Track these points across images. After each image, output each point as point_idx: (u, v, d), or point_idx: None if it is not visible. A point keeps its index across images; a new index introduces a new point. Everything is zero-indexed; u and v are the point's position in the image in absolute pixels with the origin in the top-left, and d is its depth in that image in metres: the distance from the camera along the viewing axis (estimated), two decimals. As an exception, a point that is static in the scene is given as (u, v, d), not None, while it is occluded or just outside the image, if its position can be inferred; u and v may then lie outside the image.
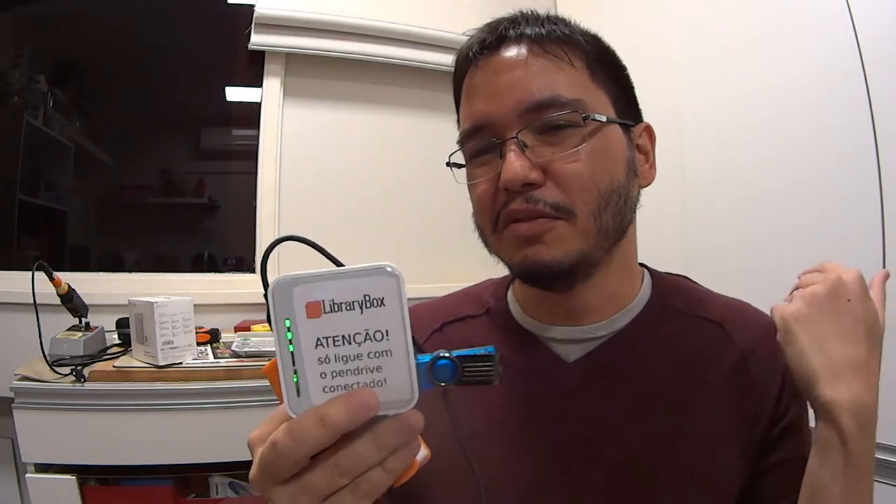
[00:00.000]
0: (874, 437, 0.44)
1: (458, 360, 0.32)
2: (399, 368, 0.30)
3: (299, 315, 0.30)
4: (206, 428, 1.16)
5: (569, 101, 0.49)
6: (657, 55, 1.41)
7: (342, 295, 0.30)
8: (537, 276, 0.51)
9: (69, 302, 1.27)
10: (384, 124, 1.88)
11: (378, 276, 0.29)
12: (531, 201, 0.48)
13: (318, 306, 0.30)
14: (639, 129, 0.55)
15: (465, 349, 0.32)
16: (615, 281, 0.55)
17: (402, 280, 0.30)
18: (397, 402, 0.30)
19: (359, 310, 0.30)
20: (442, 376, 0.32)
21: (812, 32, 1.11)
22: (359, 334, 0.30)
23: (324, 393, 0.30)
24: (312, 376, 0.30)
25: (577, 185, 0.48)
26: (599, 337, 0.54)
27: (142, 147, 1.95)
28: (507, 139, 0.49)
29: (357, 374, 0.30)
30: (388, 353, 0.30)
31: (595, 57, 0.52)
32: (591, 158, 0.49)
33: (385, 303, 0.30)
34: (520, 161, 0.48)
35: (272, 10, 1.69)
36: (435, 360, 0.32)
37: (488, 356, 0.32)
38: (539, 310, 0.57)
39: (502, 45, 0.51)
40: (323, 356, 0.30)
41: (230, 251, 1.99)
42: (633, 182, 0.53)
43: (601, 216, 0.49)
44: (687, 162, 1.35)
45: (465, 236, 0.60)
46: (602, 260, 0.52)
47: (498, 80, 0.50)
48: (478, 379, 0.32)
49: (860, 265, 1.05)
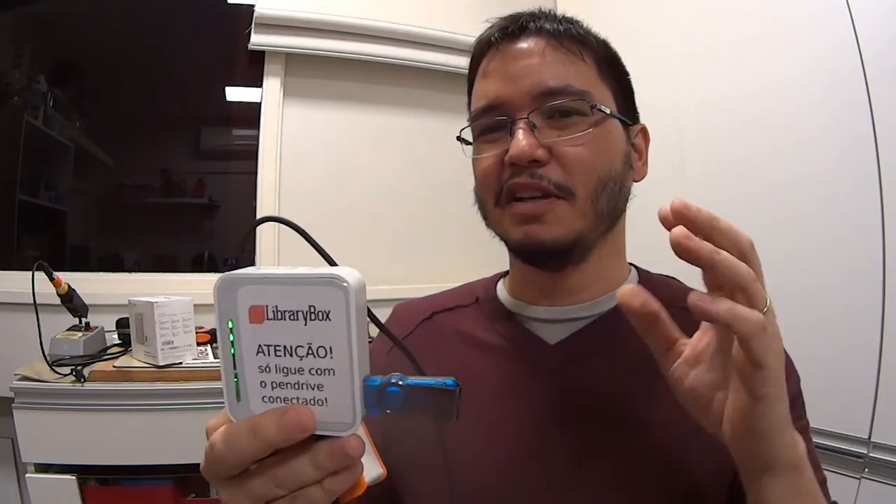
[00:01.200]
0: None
1: (410, 390, 0.29)
2: (341, 390, 0.28)
3: (242, 317, 0.28)
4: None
5: (578, 91, 0.52)
6: (656, 53, 1.41)
7: (287, 302, 0.27)
8: (535, 253, 0.53)
9: (69, 302, 1.27)
10: (384, 124, 1.88)
11: (325, 286, 0.27)
12: (535, 177, 0.51)
13: (262, 311, 0.28)
14: (636, 129, 0.59)
15: (425, 378, 0.30)
16: (604, 266, 0.57)
17: (354, 293, 0.27)
18: (339, 424, 0.28)
19: (302, 321, 0.27)
20: (390, 404, 0.29)
21: (812, 31, 1.11)
22: (301, 347, 0.28)
23: (263, 402, 0.29)
24: (252, 383, 0.28)
25: (579, 167, 0.52)
26: (582, 318, 0.57)
27: (142, 147, 1.95)
28: (518, 118, 0.52)
29: (297, 388, 0.28)
30: (331, 373, 0.28)
31: (604, 58, 0.56)
32: (594, 145, 0.52)
33: (331, 317, 0.27)
34: (528, 139, 0.51)
35: (272, 10, 1.69)
36: (384, 387, 0.29)
37: (446, 390, 0.29)
38: (525, 290, 0.60)
39: (522, 34, 0.55)
40: (264, 365, 0.28)
41: (230, 251, 1.99)
42: (628, 174, 0.57)
43: (598, 199, 0.52)
44: (686, 160, 1.35)
45: (464, 236, 0.61)
46: (596, 243, 0.55)
47: (515, 64, 0.54)
48: (432, 413, 0.29)
49: (860, 263, 1.06)
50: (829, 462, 1.03)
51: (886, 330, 0.99)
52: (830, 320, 1.06)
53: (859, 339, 1.02)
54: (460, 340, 0.61)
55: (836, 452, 1.03)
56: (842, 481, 1.01)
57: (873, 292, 1.01)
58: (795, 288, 1.12)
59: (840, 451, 1.03)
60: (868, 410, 1.00)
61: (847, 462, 1.02)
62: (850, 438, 1.02)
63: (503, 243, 0.58)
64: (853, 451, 1.01)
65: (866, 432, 1.00)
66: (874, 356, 1.00)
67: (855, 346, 1.03)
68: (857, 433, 1.01)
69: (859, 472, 1.00)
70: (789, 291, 1.12)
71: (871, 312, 1.01)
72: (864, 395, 1.00)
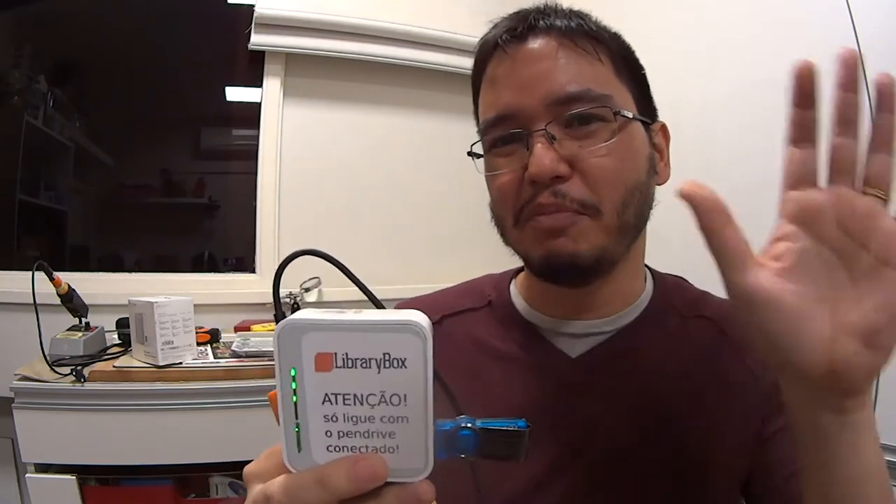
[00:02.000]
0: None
1: (482, 433, 0.29)
2: (415, 436, 0.27)
3: (307, 366, 0.26)
4: (206, 428, 1.16)
5: (599, 95, 0.48)
6: (656, 53, 1.41)
7: (358, 350, 0.26)
8: (559, 271, 0.50)
9: (69, 302, 1.27)
10: (384, 124, 1.88)
11: (403, 333, 0.26)
12: (558, 196, 0.47)
13: (330, 359, 0.26)
14: (656, 127, 0.55)
15: (493, 419, 0.29)
16: (625, 278, 0.54)
17: (430, 340, 0.26)
18: (409, 470, 0.27)
19: (376, 369, 0.26)
20: (462, 448, 0.29)
21: (812, 31, 1.11)
22: (373, 395, 0.26)
23: (328, 452, 0.27)
24: (316, 432, 0.27)
25: (604, 180, 0.48)
26: (604, 332, 0.54)
27: (142, 147, 1.95)
28: (535, 131, 0.48)
29: (367, 437, 0.27)
30: (404, 420, 0.27)
31: (619, 54, 0.52)
32: (618, 154, 0.48)
33: (407, 364, 0.26)
34: (549, 154, 0.47)
35: (272, 10, 1.69)
36: (456, 431, 0.28)
37: (518, 433, 0.29)
38: (547, 304, 0.56)
39: (531, 34, 0.50)
40: (330, 414, 0.27)
41: (230, 251, 1.99)
42: (652, 179, 0.53)
43: (624, 213, 0.49)
44: (686, 158, 1.34)
45: (464, 235, 0.60)
46: (620, 257, 0.51)
47: (527, 70, 0.49)
48: (501, 454, 0.29)
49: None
50: (829, 462, 1.03)
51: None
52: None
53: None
54: (474, 348, 0.58)
55: (836, 452, 1.03)
56: (842, 481, 1.01)
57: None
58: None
59: (840, 451, 1.03)
60: (868, 410, 1.00)
61: (847, 462, 1.02)
62: (850, 438, 1.02)
63: (523, 262, 0.54)
64: (853, 452, 1.01)
65: (866, 432, 1.00)
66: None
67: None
68: (857, 433, 1.01)
69: (859, 472, 1.00)
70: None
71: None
72: (864, 395, 1.00)
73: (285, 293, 1.68)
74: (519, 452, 0.29)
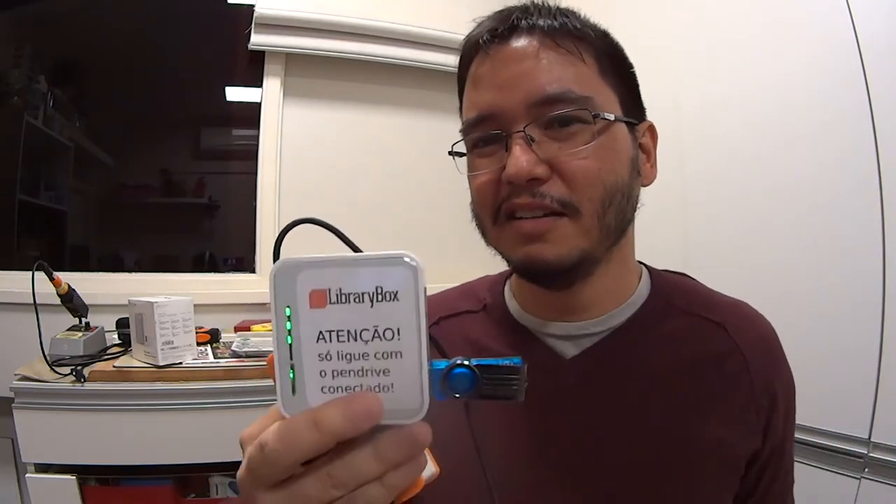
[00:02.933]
0: None
1: (479, 370, 0.28)
2: (409, 373, 0.27)
3: (301, 303, 0.26)
4: (206, 428, 1.16)
5: (579, 96, 0.48)
6: (656, 53, 1.41)
7: (351, 284, 0.26)
8: (538, 274, 0.50)
9: (69, 302, 1.27)
10: (384, 124, 1.88)
11: (393, 266, 0.26)
12: (537, 196, 0.47)
13: (324, 295, 0.26)
14: (642, 127, 0.55)
15: (490, 358, 0.29)
16: (613, 278, 0.54)
17: (421, 272, 0.26)
18: (404, 411, 0.27)
19: (369, 303, 0.26)
20: (458, 387, 0.28)
21: (812, 31, 1.11)
22: (366, 331, 0.26)
23: (322, 394, 0.27)
24: (311, 374, 0.27)
25: (584, 182, 0.48)
26: (596, 333, 0.54)
27: (142, 147, 1.95)
28: (514, 132, 0.48)
29: (361, 375, 0.27)
30: (398, 355, 0.27)
31: (605, 53, 0.51)
32: (598, 156, 0.48)
33: (399, 297, 0.26)
34: (526, 155, 0.47)
35: (272, 10, 1.69)
36: (451, 368, 0.28)
37: (514, 368, 0.29)
38: (536, 306, 0.57)
39: (513, 34, 0.50)
40: (324, 352, 0.27)
41: (230, 251, 1.99)
42: (636, 181, 0.53)
43: (605, 215, 0.49)
44: (686, 159, 1.35)
45: (464, 236, 0.59)
46: (602, 258, 0.51)
47: (507, 70, 0.49)
48: (499, 393, 0.29)
49: (860, 263, 1.05)
50: (829, 462, 1.03)
51: (886, 330, 0.99)
52: (830, 320, 1.06)
53: (859, 339, 1.02)
54: (470, 349, 0.58)
55: (836, 452, 1.03)
56: (842, 481, 1.01)
57: (873, 292, 1.01)
58: (795, 287, 1.12)
59: (840, 451, 1.03)
60: (868, 410, 1.00)
61: (847, 462, 1.02)
62: (850, 438, 1.02)
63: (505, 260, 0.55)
64: (853, 451, 1.01)
65: (866, 432, 1.00)
66: (874, 356, 1.00)
67: (855, 346, 1.03)
68: (857, 433, 1.01)
69: (859, 472, 1.00)
70: (789, 291, 1.12)
71: (871, 312, 1.01)
72: (864, 395, 1.00)
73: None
74: (517, 391, 0.29)
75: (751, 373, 0.53)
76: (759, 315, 0.58)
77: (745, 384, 0.53)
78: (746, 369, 0.53)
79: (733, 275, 1.19)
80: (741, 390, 0.52)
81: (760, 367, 0.53)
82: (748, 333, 0.55)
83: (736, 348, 0.54)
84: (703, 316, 0.56)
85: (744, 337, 0.54)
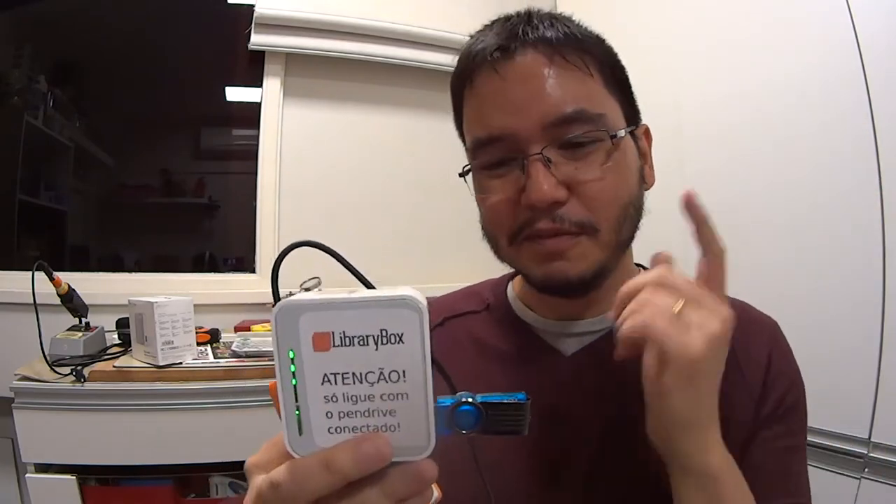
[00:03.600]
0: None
1: (484, 407, 0.29)
2: (415, 413, 0.27)
3: (305, 346, 0.26)
4: (206, 428, 1.16)
5: (594, 115, 0.48)
6: (656, 52, 1.41)
7: (355, 328, 0.26)
8: (558, 289, 0.51)
9: (69, 302, 1.27)
10: (384, 124, 1.88)
11: (398, 308, 0.26)
12: (556, 220, 0.48)
13: (328, 338, 0.26)
14: (640, 131, 0.56)
15: (492, 394, 0.30)
16: (616, 279, 0.55)
17: (426, 314, 0.26)
18: (411, 448, 0.27)
19: (373, 346, 0.26)
20: (463, 423, 0.29)
21: (812, 31, 1.11)
22: (372, 373, 0.26)
23: (329, 434, 0.27)
24: (317, 415, 0.27)
25: (602, 202, 0.48)
26: (597, 331, 0.56)
27: (142, 147, 1.96)
28: (532, 155, 0.47)
29: (367, 416, 0.27)
30: (404, 397, 0.27)
31: (606, 62, 0.52)
32: (614, 174, 0.49)
33: (404, 339, 0.26)
34: (548, 180, 0.47)
35: (272, 10, 1.69)
36: (457, 406, 0.29)
37: (518, 405, 0.29)
38: (541, 307, 0.58)
39: (519, 49, 0.48)
40: (330, 394, 0.27)
41: (230, 251, 1.99)
42: (643, 189, 0.54)
43: (621, 230, 0.50)
44: (686, 159, 1.35)
45: (463, 236, 0.60)
46: (616, 268, 0.53)
47: (517, 89, 0.48)
48: (504, 429, 0.29)
49: (860, 263, 1.05)
50: (829, 462, 1.03)
51: (886, 330, 0.99)
52: (831, 320, 1.06)
53: (859, 339, 1.02)
54: (474, 347, 0.59)
55: (836, 452, 1.03)
56: (842, 481, 1.01)
57: (873, 292, 1.01)
58: (795, 287, 1.12)
59: (840, 451, 1.03)
60: (868, 410, 1.00)
61: (847, 462, 1.02)
62: (850, 438, 1.02)
63: (523, 276, 0.56)
64: (853, 451, 1.01)
65: (866, 432, 1.00)
66: (874, 356, 1.00)
67: (855, 346, 1.03)
68: (857, 433, 1.01)
69: (859, 472, 1.00)
70: (789, 291, 1.12)
71: (871, 312, 1.01)
72: (864, 395, 1.00)
73: (285, 293, 1.67)
74: (521, 426, 0.29)
75: (741, 366, 0.53)
76: (760, 314, 0.58)
77: (736, 377, 0.52)
78: (737, 363, 0.52)
79: (733, 275, 1.19)
80: (733, 383, 0.52)
81: (749, 361, 0.53)
82: (740, 331, 0.54)
83: (730, 345, 0.54)
84: None
85: (734, 334, 0.54)
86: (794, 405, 0.53)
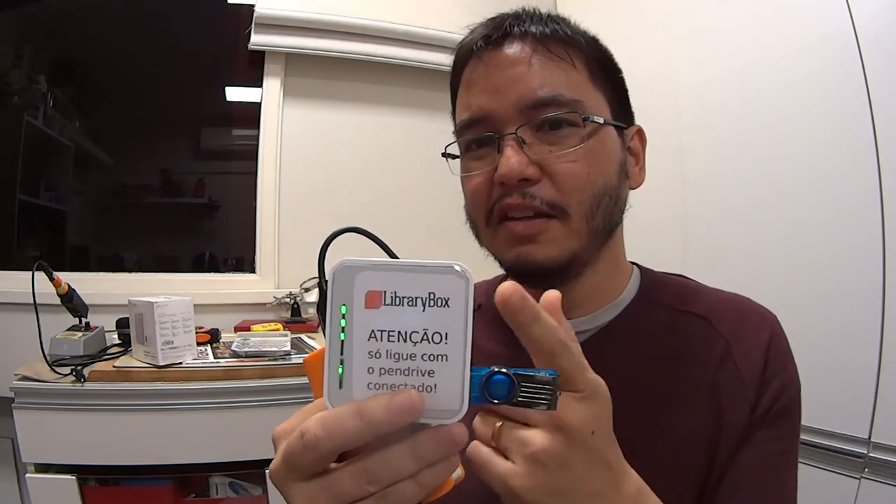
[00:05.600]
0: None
1: (517, 378, 0.30)
2: (452, 376, 0.28)
3: (357, 303, 0.28)
4: (206, 428, 1.16)
5: (569, 100, 0.49)
6: (657, 52, 1.41)
7: (406, 289, 0.28)
8: (529, 274, 0.51)
9: (69, 302, 1.27)
10: (384, 124, 1.88)
11: (447, 274, 0.28)
12: (527, 196, 0.49)
13: (379, 296, 0.28)
14: (631, 131, 0.56)
15: (527, 368, 0.31)
16: (602, 278, 0.55)
17: (472, 282, 0.28)
18: (443, 411, 0.28)
19: (421, 307, 0.28)
20: (496, 393, 0.30)
21: (811, 30, 1.11)
22: (416, 333, 0.28)
23: (367, 389, 0.28)
24: (359, 370, 0.28)
25: (573, 184, 0.49)
26: (585, 331, 0.55)
27: (142, 147, 1.96)
28: (506, 134, 0.49)
29: (406, 374, 0.28)
30: (444, 358, 0.28)
31: (595, 59, 0.53)
32: (588, 159, 0.50)
33: (450, 304, 0.28)
34: (517, 156, 0.48)
35: (272, 10, 1.69)
36: (491, 375, 0.30)
37: (550, 379, 0.30)
38: None
39: (506, 40, 0.51)
40: (374, 350, 0.28)
41: (230, 251, 1.99)
42: (624, 184, 0.54)
43: (593, 216, 0.50)
44: (686, 160, 1.35)
45: (464, 236, 0.60)
46: (591, 259, 0.53)
47: (500, 74, 0.50)
48: (534, 401, 0.30)
49: (860, 263, 1.05)
50: (829, 462, 1.03)
51: (886, 330, 0.99)
52: (831, 320, 1.06)
53: (859, 339, 1.02)
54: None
55: (836, 452, 1.03)
56: (842, 481, 1.01)
57: (873, 292, 1.01)
58: (795, 287, 1.12)
59: (840, 451, 1.03)
60: (868, 410, 1.00)
61: (847, 462, 1.02)
62: (850, 438, 1.02)
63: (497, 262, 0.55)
64: (853, 451, 1.01)
65: (866, 432, 1.00)
66: (874, 356, 1.00)
67: (855, 347, 1.03)
68: (857, 433, 1.01)
69: (859, 472, 1.00)
70: (789, 291, 1.12)
71: (871, 312, 1.01)
72: (864, 395, 1.00)
73: (286, 293, 1.68)
74: (551, 401, 0.30)
75: (735, 361, 0.52)
76: (758, 307, 0.57)
77: (730, 373, 0.52)
78: (731, 358, 0.52)
79: (733, 275, 1.19)
80: (727, 380, 0.52)
81: (744, 354, 0.52)
82: (734, 322, 0.54)
83: (720, 338, 0.53)
84: (688, 310, 0.56)
85: (728, 327, 0.54)
86: (788, 406, 0.52)
